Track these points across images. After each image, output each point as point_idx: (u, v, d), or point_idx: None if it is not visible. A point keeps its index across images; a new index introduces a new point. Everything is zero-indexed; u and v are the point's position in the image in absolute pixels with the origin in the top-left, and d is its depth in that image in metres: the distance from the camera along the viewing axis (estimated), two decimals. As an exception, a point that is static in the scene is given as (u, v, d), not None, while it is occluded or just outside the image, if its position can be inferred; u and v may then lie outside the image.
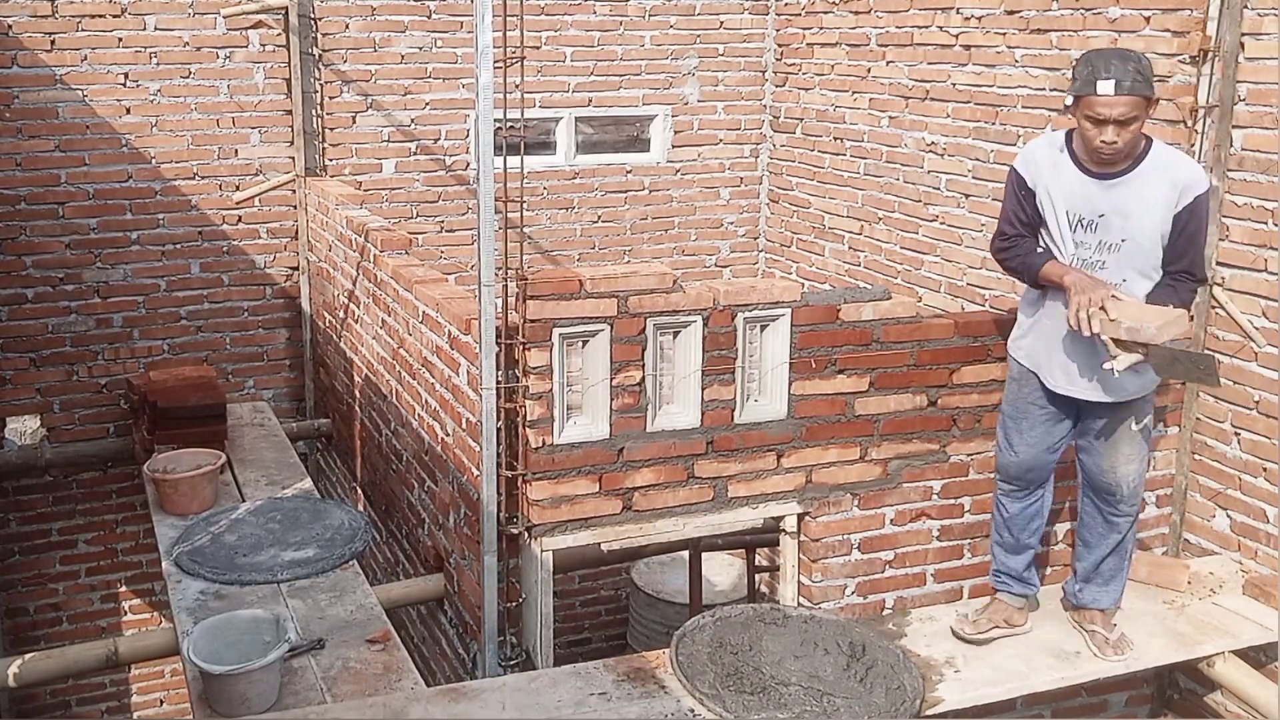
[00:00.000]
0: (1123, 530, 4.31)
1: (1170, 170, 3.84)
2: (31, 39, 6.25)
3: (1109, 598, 4.39)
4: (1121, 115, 3.69)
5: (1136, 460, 4.19)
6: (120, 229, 6.61)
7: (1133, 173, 3.85)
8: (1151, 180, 3.83)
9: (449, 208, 7.28)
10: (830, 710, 3.76)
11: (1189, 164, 3.94)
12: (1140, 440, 4.17)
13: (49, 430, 6.68)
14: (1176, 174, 3.83)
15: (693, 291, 4.28)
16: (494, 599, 4.28)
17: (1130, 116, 3.70)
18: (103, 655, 4.39)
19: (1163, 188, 3.82)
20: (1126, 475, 4.19)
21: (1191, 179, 3.84)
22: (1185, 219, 3.83)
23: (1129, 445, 4.16)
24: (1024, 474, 4.29)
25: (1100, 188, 3.88)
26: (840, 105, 7.08)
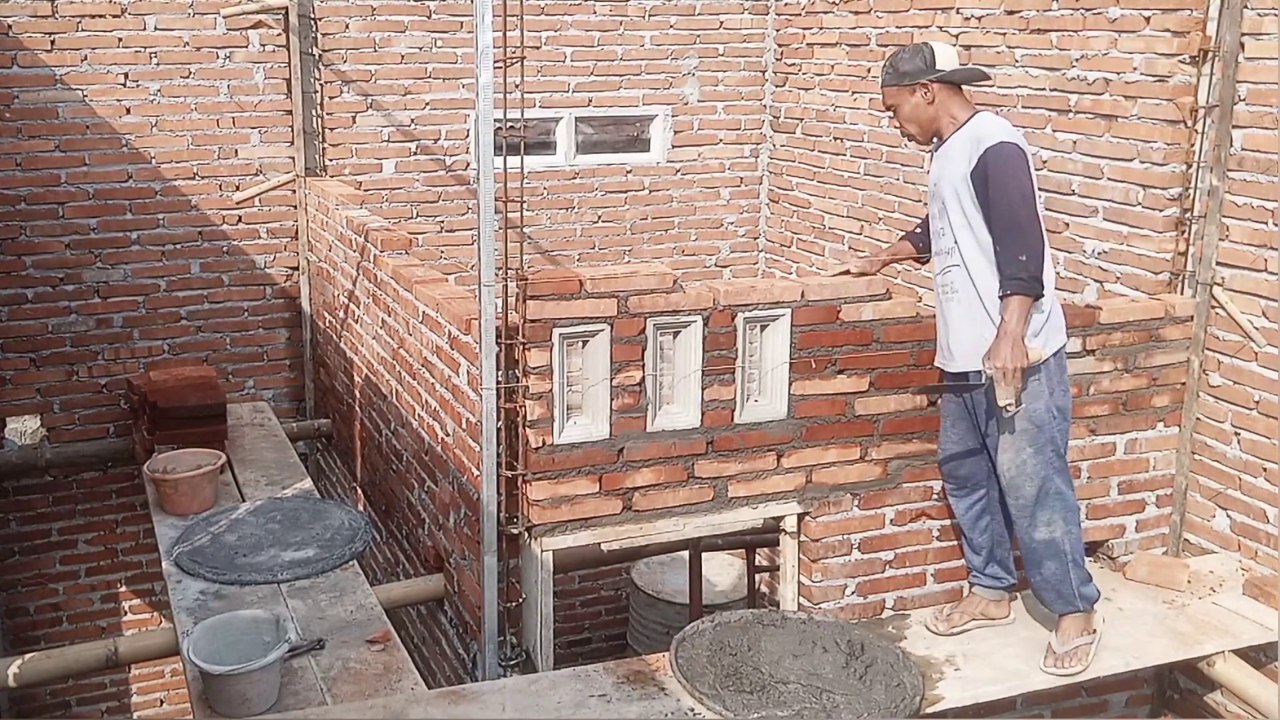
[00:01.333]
0: (1024, 529, 4.17)
1: (972, 131, 4.05)
2: (31, 39, 6.25)
3: (1062, 602, 4.23)
4: (884, 104, 4.25)
5: (1011, 450, 4.10)
6: (120, 229, 6.61)
7: (948, 140, 4.14)
8: (957, 142, 4.09)
9: (449, 208, 7.28)
10: (830, 707, 3.76)
11: (990, 125, 4.05)
12: (1015, 431, 4.07)
13: (49, 430, 6.67)
14: (976, 132, 4.03)
15: (693, 291, 4.28)
16: (494, 599, 4.28)
17: (889, 104, 4.21)
18: (103, 655, 4.38)
19: (963, 145, 4.05)
20: (1001, 464, 4.16)
21: (984, 134, 4.00)
22: (979, 175, 3.97)
23: (1003, 434, 4.12)
24: (953, 471, 4.38)
25: (934, 159, 4.23)
26: (840, 105, 7.08)
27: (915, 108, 4.12)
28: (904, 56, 4.13)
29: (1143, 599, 4.72)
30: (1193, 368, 4.92)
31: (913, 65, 4.09)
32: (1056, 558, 4.17)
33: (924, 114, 4.13)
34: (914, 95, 4.11)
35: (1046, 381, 4.08)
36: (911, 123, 4.17)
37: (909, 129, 4.20)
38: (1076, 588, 4.20)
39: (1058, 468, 4.15)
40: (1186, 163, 4.92)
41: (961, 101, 4.13)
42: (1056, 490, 4.13)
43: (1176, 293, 5.01)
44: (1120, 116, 5.16)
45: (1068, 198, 5.47)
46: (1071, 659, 4.22)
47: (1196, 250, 4.91)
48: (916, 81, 4.08)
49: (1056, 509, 4.14)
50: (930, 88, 4.08)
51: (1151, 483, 5.02)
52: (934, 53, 4.10)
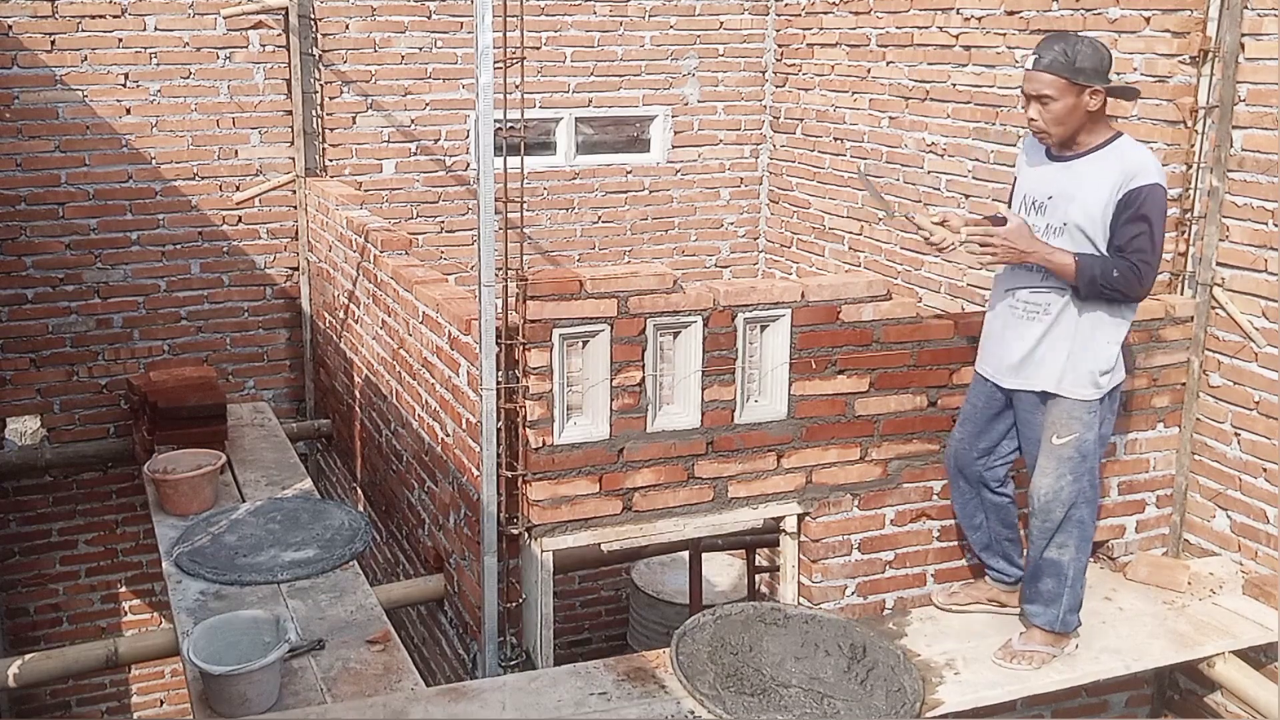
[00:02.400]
0: (1039, 546, 4.16)
1: (1122, 158, 3.83)
2: (31, 39, 6.25)
3: (1044, 617, 4.22)
4: (1035, 91, 3.81)
5: (1051, 475, 4.05)
6: (120, 229, 6.61)
7: (1085, 157, 3.88)
8: (1100, 165, 3.84)
9: (449, 208, 7.28)
10: (830, 713, 3.76)
11: (1143, 156, 3.86)
12: (1060, 458, 4.03)
13: (49, 430, 6.67)
14: (1126, 162, 3.82)
15: (693, 292, 4.28)
16: (494, 599, 4.28)
17: (1045, 94, 3.79)
18: (103, 655, 4.38)
19: (1109, 173, 3.81)
20: (1038, 487, 4.10)
21: (1139, 168, 3.79)
22: (1123, 206, 3.78)
23: (1046, 457, 4.07)
24: (954, 465, 4.39)
25: (1055, 170, 3.94)
26: (840, 105, 7.08)
27: (1073, 110, 3.78)
28: (1084, 50, 3.75)
29: (1143, 600, 4.72)
30: (1193, 368, 4.92)
31: (1092, 63, 3.75)
32: (1057, 578, 4.17)
33: (1078, 119, 3.81)
34: (1080, 96, 3.77)
35: (1102, 413, 4.06)
36: (1061, 124, 3.82)
37: (1052, 128, 3.84)
38: (1063, 612, 4.20)
39: (1089, 497, 4.13)
40: (1186, 163, 4.92)
41: (1107, 118, 3.91)
42: (1080, 519, 4.13)
43: (1176, 293, 5.01)
44: (1120, 117, 5.15)
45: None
46: (1023, 658, 4.21)
47: (1196, 250, 4.91)
48: (1090, 84, 3.75)
49: (1073, 535, 4.14)
50: (1100, 94, 3.78)
51: (1151, 483, 5.02)
52: (1111, 57, 3.83)
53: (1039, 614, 4.24)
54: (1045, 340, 4.01)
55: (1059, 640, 4.25)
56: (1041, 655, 4.22)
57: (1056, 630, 4.23)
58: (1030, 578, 4.26)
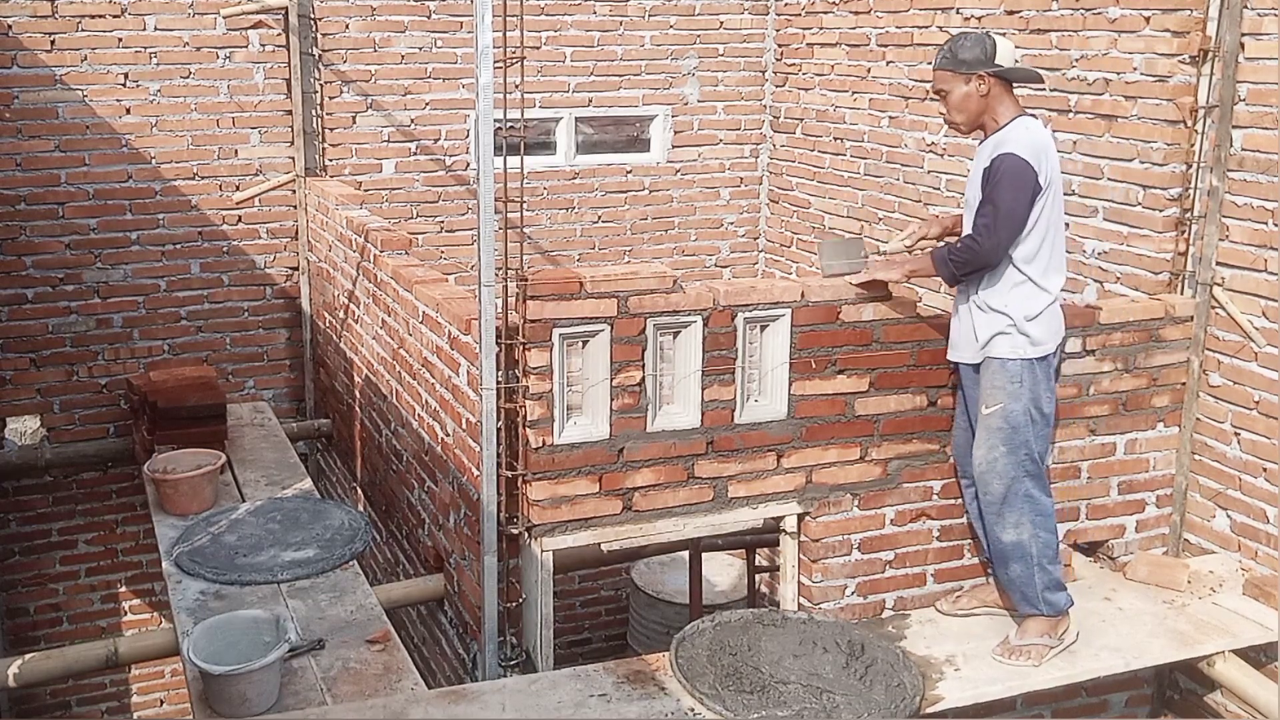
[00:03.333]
0: (992, 528, 4.22)
1: (1002, 136, 4.09)
2: (31, 39, 6.25)
3: (1027, 605, 4.25)
4: (934, 88, 4.22)
5: (984, 446, 4.17)
6: (120, 229, 6.61)
7: (984, 142, 4.18)
8: (989, 144, 4.12)
9: (449, 208, 7.28)
10: (830, 707, 3.76)
11: (1014, 132, 4.06)
12: (989, 428, 4.15)
13: (49, 430, 6.67)
14: (999, 140, 4.08)
15: (693, 291, 4.28)
16: (494, 599, 4.28)
17: (939, 89, 4.18)
18: (103, 655, 4.39)
19: (990, 148, 4.09)
20: (975, 459, 4.23)
21: (1005, 141, 4.03)
22: (985, 180, 4.05)
23: (979, 428, 4.22)
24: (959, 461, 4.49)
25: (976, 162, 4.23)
26: (840, 105, 7.08)
27: (966, 97, 4.10)
28: (965, 44, 4.09)
29: (1143, 599, 4.72)
30: (1193, 368, 4.92)
31: (972, 54, 4.06)
32: (1022, 560, 4.20)
33: (973, 105, 4.11)
34: (967, 84, 4.08)
35: (1029, 384, 4.12)
36: (959, 111, 4.14)
37: (955, 117, 4.17)
38: (1040, 592, 4.22)
39: (1030, 471, 4.17)
40: (1186, 163, 4.92)
41: (1011, 102, 4.13)
42: (1026, 493, 4.16)
43: (1176, 293, 5.01)
44: (1120, 116, 5.16)
45: (1068, 198, 5.45)
46: (1022, 653, 4.24)
47: (1196, 250, 4.91)
48: (973, 71, 4.06)
49: (1025, 512, 4.17)
50: (985, 80, 4.06)
51: (1151, 483, 5.02)
52: (995, 46, 4.08)
53: (1020, 602, 4.29)
54: (963, 312, 4.23)
55: (1054, 626, 4.27)
56: (1039, 648, 4.24)
57: (1044, 612, 4.23)
58: (999, 566, 4.30)
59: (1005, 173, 3.98)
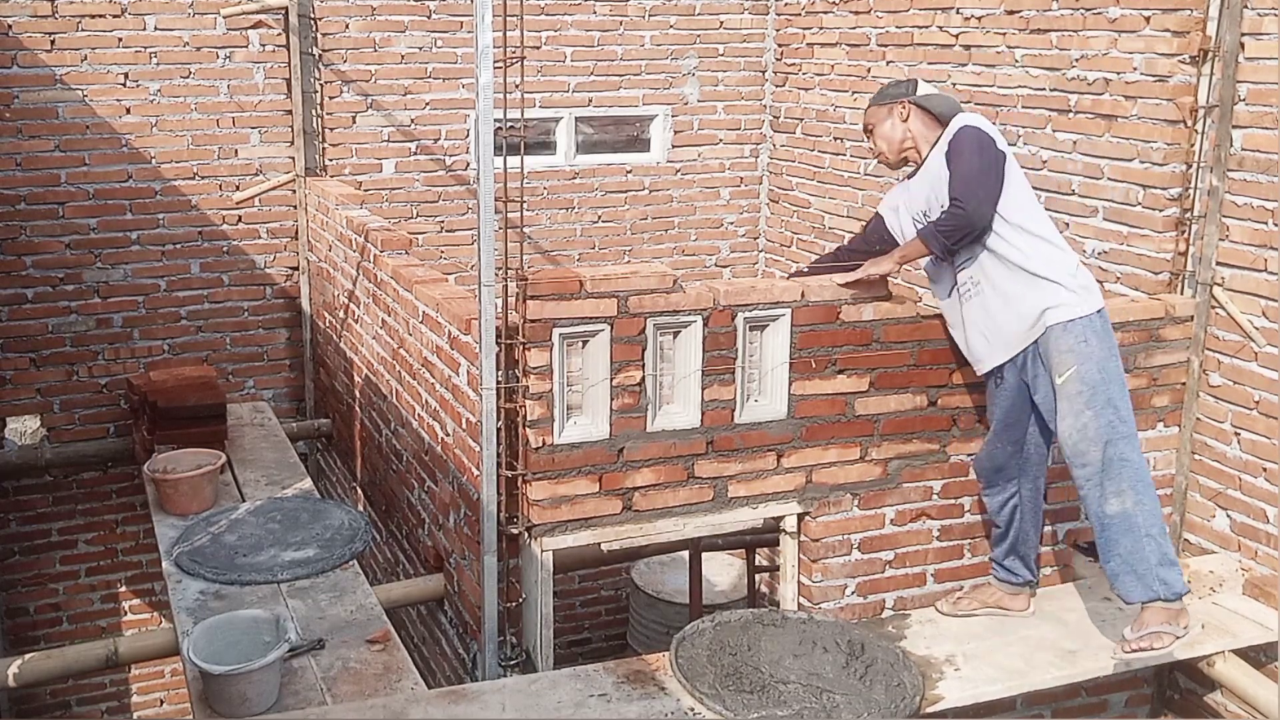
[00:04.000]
0: (1094, 501, 4.01)
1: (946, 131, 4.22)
2: (31, 39, 6.25)
3: (1141, 589, 3.97)
4: (865, 126, 4.45)
5: (1070, 416, 4.02)
6: (120, 229, 6.61)
7: (926, 159, 4.30)
8: (936, 154, 4.24)
9: (449, 208, 7.28)
10: (830, 707, 3.76)
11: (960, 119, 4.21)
12: (1069, 395, 4.01)
13: (49, 430, 6.68)
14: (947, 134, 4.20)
15: (693, 291, 4.28)
16: (494, 599, 4.28)
17: (868, 124, 4.41)
18: (103, 655, 4.39)
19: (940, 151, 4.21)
20: (1062, 432, 4.07)
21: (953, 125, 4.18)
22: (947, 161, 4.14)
23: (1060, 401, 4.06)
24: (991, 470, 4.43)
25: (919, 179, 4.33)
26: (840, 105, 7.08)
27: (891, 127, 4.32)
28: (888, 84, 4.46)
29: (1143, 599, 4.71)
30: (1193, 368, 4.92)
31: (894, 90, 4.36)
32: (1131, 533, 3.96)
33: (896, 133, 4.32)
34: (890, 115, 4.32)
35: (1095, 341, 4.04)
36: (883, 139, 4.36)
37: (879, 146, 4.38)
38: (1154, 567, 3.94)
39: (1122, 433, 4.00)
40: (1186, 163, 4.92)
41: (937, 128, 4.28)
42: (1121, 456, 3.97)
43: (1176, 293, 5.01)
44: (1120, 116, 5.16)
45: (1068, 198, 5.47)
46: (1144, 641, 3.97)
47: (1196, 250, 4.91)
48: (895, 101, 4.31)
49: (1125, 477, 3.97)
50: (906, 107, 4.29)
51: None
52: (916, 84, 4.38)
53: (1135, 588, 3.99)
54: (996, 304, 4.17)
55: (1176, 617, 3.98)
56: (1166, 636, 3.96)
57: (1161, 594, 3.95)
58: (1107, 549, 4.02)
59: (963, 141, 4.11)
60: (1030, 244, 4.11)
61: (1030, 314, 4.10)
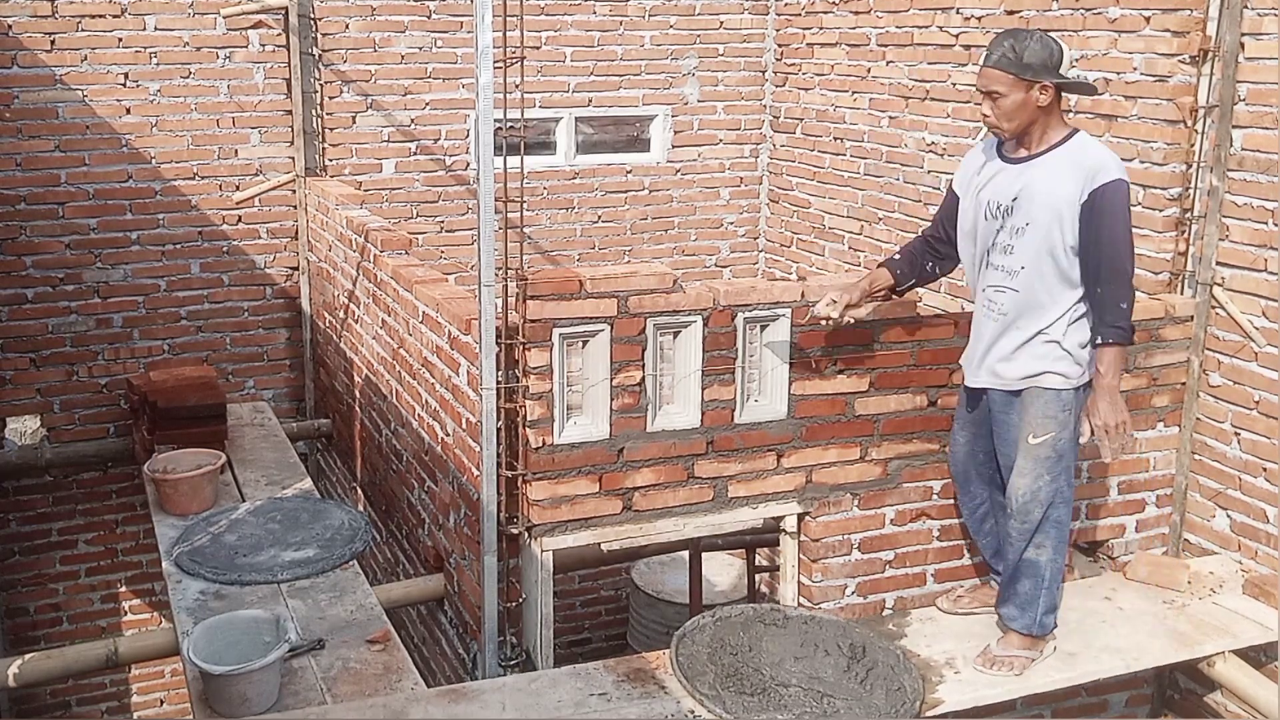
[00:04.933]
0: (1018, 548, 4.11)
1: (1082, 157, 3.83)
2: (31, 39, 6.25)
3: (1021, 621, 4.18)
4: (986, 87, 3.86)
5: (1029, 476, 4.01)
6: (120, 229, 6.61)
7: (1042, 156, 3.89)
8: (1061, 163, 3.85)
9: (449, 208, 7.28)
10: (830, 712, 3.76)
11: (1102, 153, 3.86)
12: (1038, 458, 4.00)
13: (49, 430, 6.67)
14: (1085, 159, 3.81)
15: (693, 291, 4.28)
16: (494, 599, 4.28)
17: (994, 90, 3.84)
18: (103, 655, 4.39)
19: (1071, 171, 3.82)
20: (1016, 487, 4.06)
21: (1099, 165, 3.79)
22: (1089, 209, 3.78)
23: (1023, 458, 4.03)
24: (957, 473, 4.40)
25: (1015, 172, 3.94)
26: (840, 105, 7.08)
27: (1022, 105, 3.81)
28: (1031, 46, 3.78)
29: (1143, 599, 4.71)
30: (1193, 368, 4.92)
31: (1040, 58, 3.77)
32: (1034, 579, 4.14)
33: (1028, 114, 3.83)
34: (1030, 91, 3.79)
35: (1077, 409, 4.01)
36: (1011, 118, 3.84)
37: (1002, 122, 3.86)
38: (1039, 614, 4.17)
39: (1066, 497, 4.11)
40: (1186, 163, 4.92)
41: (1061, 114, 3.92)
42: (1057, 519, 4.10)
43: (1176, 293, 5.01)
44: (1120, 116, 5.16)
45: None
46: (1003, 664, 4.17)
47: (1196, 250, 4.91)
48: (1038, 79, 3.78)
49: (1050, 535, 4.11)
50: (1049, 90, 3.80)
51: (1151, 483, 5.02)
52: (1062, 53, 3.83)
53: (1015, 618, 4.21)
54: (1005, 337, 4.02)
55: (1036, 644, 4.23)
56: (1021, 660, 4.19)
57: (1034, 634, 4.20)
58: (1007, 580, 4.23)
59: (1119, 202, 3.75)
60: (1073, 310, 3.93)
61: (1030, 369, 4.00)
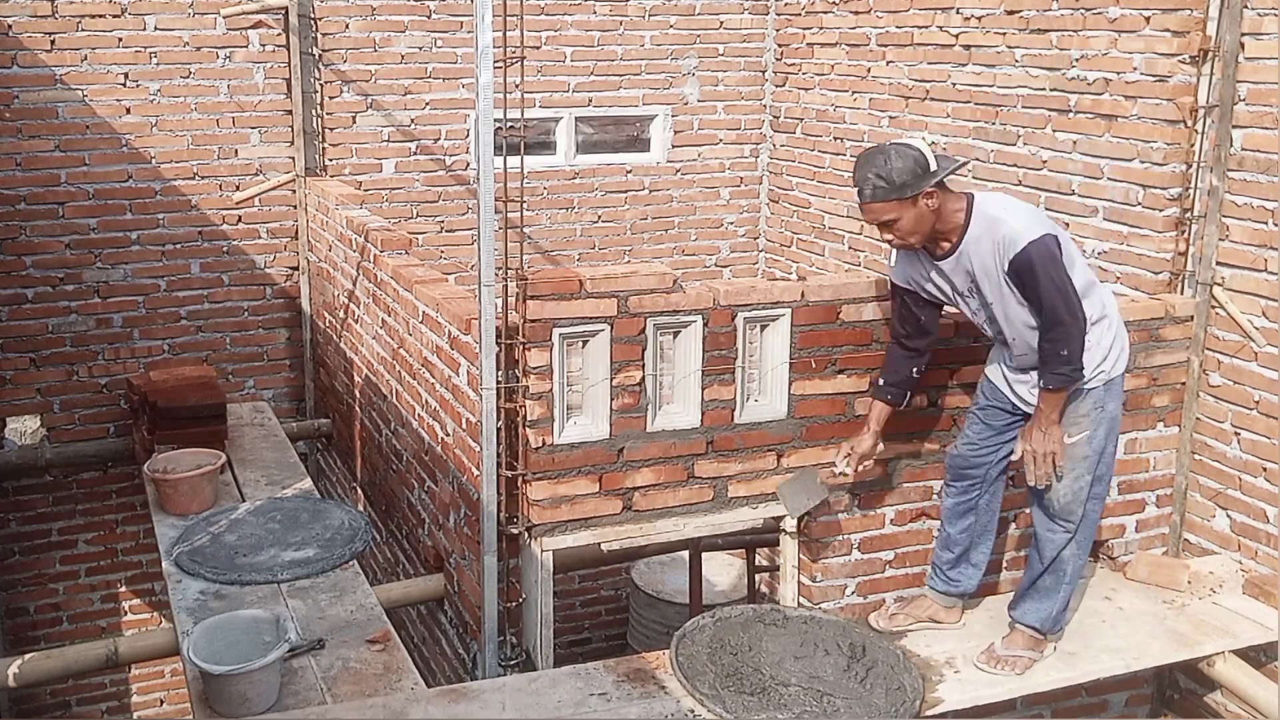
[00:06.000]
0: (1058, 546, 4.12)
1: (993, 230, 3.78)
2: (31, 39, 6.25)
3: (1036, 615, 4.20)
4: (873, 220, 3.83)
5: (1069, 476, 3.99)
6: (120, 229, 6.61)
7: (962, 246, 3.85)
8: (981, 244, 3.81)
9: (449, 208, 7.28)
10: (830, 711, 3.76)
11: (1009, 221, 3.78)
12: (1075, 457, 3.98)
13: (49, 430, 6.67)
14: (996, 233, 3.78)
15: (693, 291, 4.28)
16: (494, 599, 4.28)
17: (882, 220, 3.80)
18: (103, 655, 4.39)
19: (989, 248, 3.80)
20: (1057, 490, 4.03)
21: (1008, 238, 3.74)
22: (1015, 276, 3.77)
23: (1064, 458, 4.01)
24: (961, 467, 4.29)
25: (951, 263, 3.91)
26: (840, 105, 7.08)
27: (918, 218, 3.77)
28: (894, 165, 3.72)
29: (1143, 599, 4.72)
30: (1193, 368, 4.92)
31: (909, 173, 3.72)
32: (1058, 576, 4.17)
33: (927, 222, 3.79)
34: (916, 205, 3.75)
35: (1110, 405, 4.01)
36: (914, 234, 3.80)
37: (909, 239, 3.83)
38: (1056, 610, 4.20)
39: (1099, 494, 4.11)
40: (1186, 163, 4.92)
41: (952, 194, 3.86)
42: (1092, 513, 4.12)
43: (1176, 293, 5.01)
44: (1120, 116, 5.16)
45: (1068, 198, 5.47)
46: (1006, 663, 4.18)
47: (1196, 250, 4.91)
48: (919, 190, 3.73)
49: (1083, 532, 4.12)
50: (934, 193, 3.75)
51: (1151, 483, 5.02)
52: (922, 153, 3.76)
53: (1030, 612, 4.21)
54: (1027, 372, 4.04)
55: (1041, 644, 4.24)
56: (1024, 660, 4.20)
57: (1046, 630, 4.22)
58: (1030, 579, 4.23)
59: (1038, 263, 3.70)
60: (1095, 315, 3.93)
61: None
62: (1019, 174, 5.76)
